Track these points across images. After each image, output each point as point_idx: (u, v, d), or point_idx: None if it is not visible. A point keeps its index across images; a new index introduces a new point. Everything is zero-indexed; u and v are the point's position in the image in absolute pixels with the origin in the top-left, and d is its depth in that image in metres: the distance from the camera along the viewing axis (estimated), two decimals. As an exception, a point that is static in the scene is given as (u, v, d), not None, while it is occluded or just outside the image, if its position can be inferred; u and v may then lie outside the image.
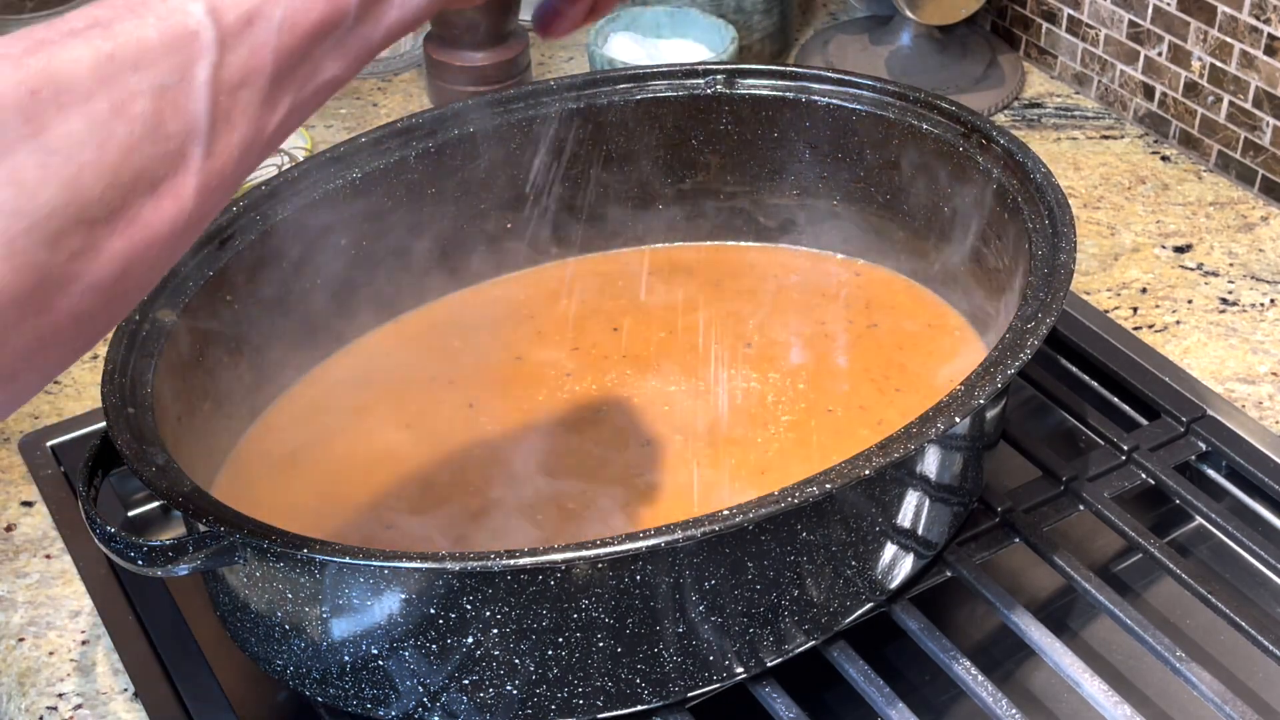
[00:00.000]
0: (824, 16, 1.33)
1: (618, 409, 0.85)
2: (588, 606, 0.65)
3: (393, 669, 0.68)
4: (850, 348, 0.89)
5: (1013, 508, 0.82)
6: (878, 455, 0.66)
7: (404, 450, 0.83)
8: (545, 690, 0.68)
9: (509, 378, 0.88)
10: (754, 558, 0.67)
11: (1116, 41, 1.16)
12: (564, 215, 0.95)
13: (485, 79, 1.16)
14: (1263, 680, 0.78)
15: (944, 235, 0.90)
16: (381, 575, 0.65)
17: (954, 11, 1.16)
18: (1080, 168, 1.13)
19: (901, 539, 0.74)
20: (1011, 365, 0.70)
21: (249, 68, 0.49)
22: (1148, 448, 0.87)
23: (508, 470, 0.81)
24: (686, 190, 0.96)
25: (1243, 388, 0.93)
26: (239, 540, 0.65)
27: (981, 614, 0.81)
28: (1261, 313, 0.99)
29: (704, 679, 0.70)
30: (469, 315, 0.93)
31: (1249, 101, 1.07)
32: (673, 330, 0.91)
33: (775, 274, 0.95)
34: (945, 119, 0.88)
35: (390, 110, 1.22)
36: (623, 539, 0.62)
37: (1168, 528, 0.87)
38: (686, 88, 0.93)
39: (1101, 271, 1.03)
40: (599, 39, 1.15)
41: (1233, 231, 1.06)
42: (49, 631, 0.81)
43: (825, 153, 0.93)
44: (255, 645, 0.72)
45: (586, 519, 0.78)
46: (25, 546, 0.85)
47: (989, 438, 0.79)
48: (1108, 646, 0.80)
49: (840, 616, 0.73)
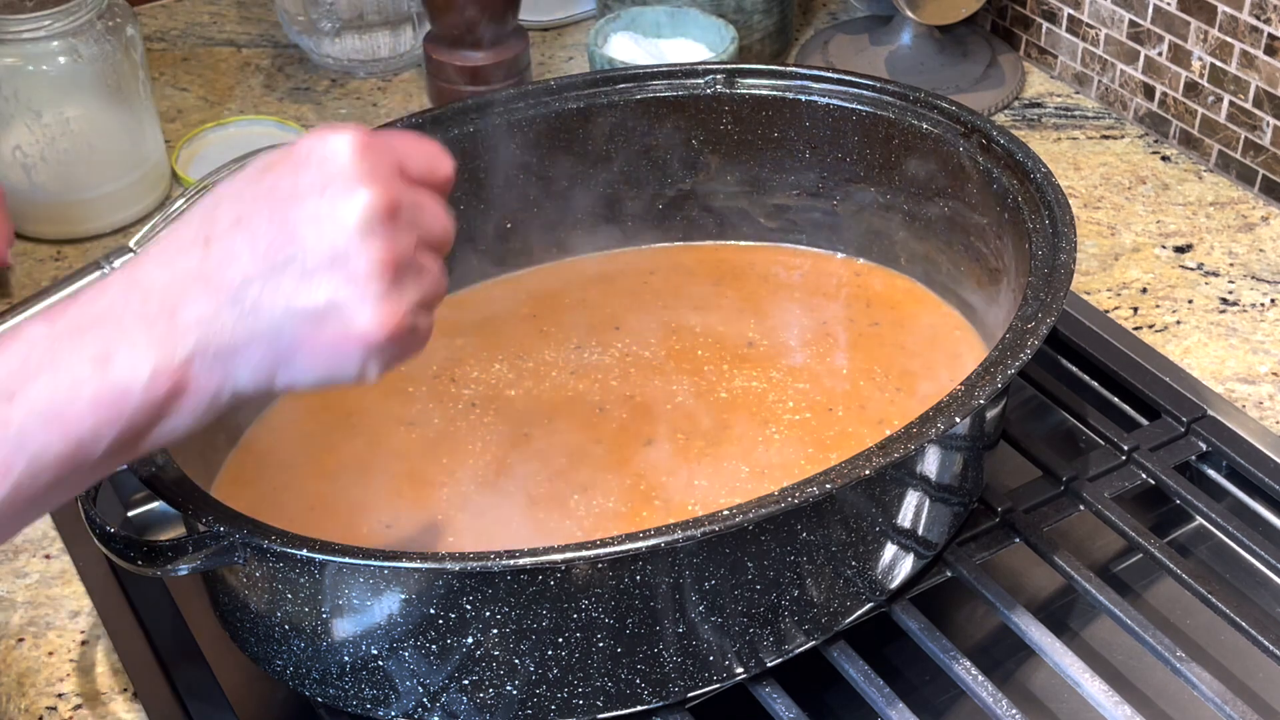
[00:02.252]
0: (824, 16, 1.33)
1: (619, 408, 0.85)
2: (588, 606, 0.65)
3: (392, 669, 0.68)
4: (851, 347, 0.89)
5: (1013, 508, 0.82)
6: (878, 455, 0.66)
7: (405, 449, 0.83)
8: (545, 690, 0.68)
9: (510, 377, 0.88)
10: (754, 558, 0.67)
11: (1117, 41, 1.16)
12: (564, 215, 0.95)
13: (485, 79, 1.16)
14: (1263, 680, 0.78)
15: (944, 235, 0.90)
16: (381, 575, 0.65)
17: (954, 11, 1.16)
18: (1080, 168, 1.13)
19: (902, 539, 0.74)
20: (1011, 365, 0.70)
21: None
22: (1148, 448, 0.87)
23: (508, 469, 0.81)
24: (687, 190, 0.96)
25: (1243, 388, 0.93)
26: (239, 540, 0.65)
27: (981, 614, 0.81)
28: (1262, 313, 0.99)
29: (704, 679, 0.70)
30: (469, 315, 0.93)
31: (1249, 101, 1.07)
32: (674, 330, 0.91)
33: (775, 274, 0.95)
34: (945, 119, 0.88)
35: (390, 110, 1.22)
36: (623, 539, 0.62)
37: (1168, 528, 0.87)
38: (686, 88, 0.93)
39: (1102, 271, 1.03)
40: (599, 39, 1.15)
41: (1233, 231, 1.06)
42: (49, 631, 0.81)
43: (825, 153, 0.93)
44: (255, 645, 0.72)
45: (587, 518, 0.78)
46: (25, 546, 0.85)
47: (989, 438, 0.79)
48: (1108, 646, 0.80)
49: (840, 616, 0.73)
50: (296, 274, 0.56)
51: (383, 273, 0.57)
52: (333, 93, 1.24)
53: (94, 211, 1.08)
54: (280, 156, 0.59)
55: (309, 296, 0.57)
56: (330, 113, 1.21)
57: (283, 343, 0.57)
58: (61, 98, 1.04)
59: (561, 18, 1.32)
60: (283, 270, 0.56)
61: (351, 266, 0.57)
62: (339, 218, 0.57)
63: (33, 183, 1.05)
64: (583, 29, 1.32)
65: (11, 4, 1.02)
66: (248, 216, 0.57)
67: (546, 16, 1.32)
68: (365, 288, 0.57)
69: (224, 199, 0.58)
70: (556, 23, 1.32)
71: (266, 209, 0.57)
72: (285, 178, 0.58)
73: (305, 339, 0.57)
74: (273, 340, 0.57)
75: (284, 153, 0.59)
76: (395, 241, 0.58)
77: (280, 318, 0.57)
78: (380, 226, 0.57)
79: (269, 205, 0.57)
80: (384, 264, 0.57)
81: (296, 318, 0.57)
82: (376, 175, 0.58)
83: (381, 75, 1.26)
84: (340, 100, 1.23)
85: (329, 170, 0.57)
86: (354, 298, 0.57)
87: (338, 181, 0.57)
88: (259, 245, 0.56)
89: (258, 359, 0.57)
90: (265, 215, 0.57)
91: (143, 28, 1.30)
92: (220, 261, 0.56)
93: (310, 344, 0.57)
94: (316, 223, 0.57)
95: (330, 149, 0.58)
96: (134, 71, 1.07)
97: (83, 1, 1.02)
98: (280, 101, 1.23)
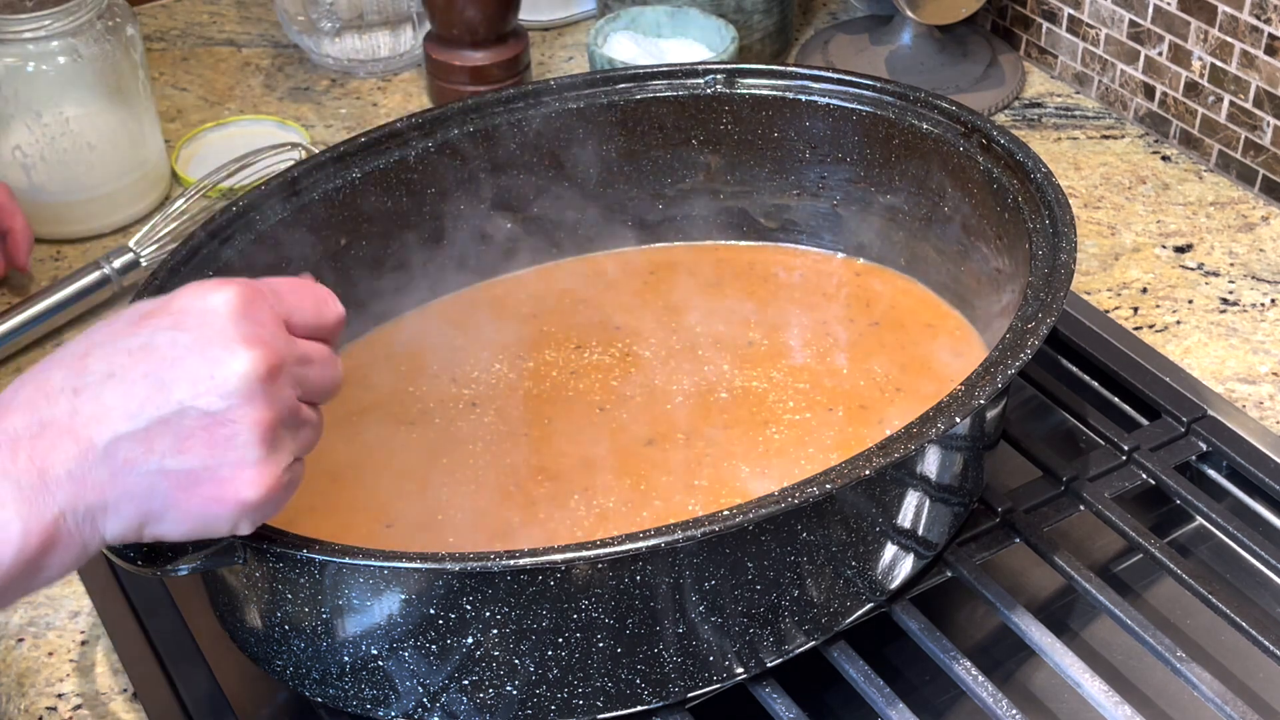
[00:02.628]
0: (824, 16, 1.33)
1: (620, 408, 0.85)
2: (588, 607, 0.65)
3: (392, 669, 0.68)
4: (851, 347, 0.89)
5: (1013, 508, 0.82)
6: (878, 455, 0.66)
7: (405, 449, 0.83)
8: (545, 690, 0.68)
9: (511, 376, 0.88)
10: (754, 558, 0.67)
11: (1117, 41, 1.16)
12: (564, 215, 0.95)
13: (485, 79, 1.16)
14: (1263, 680, 0.78)
15: (944, 235, 0.90)
16: (381, 575, 0.65)
17: (954, 11, 1.16)
18: (1080, 168, 1.13)
19: (902, 539, 0.74)
20: (1011, 365, 0.70)
21: None
22: (1148, 448, 0.87)
23: (509, 469, 0.81)
24: (686, 190, 0.96)
25: (1243, 388, 0.93)
26: (239, 540, 0.65)
27: (981, 614, 0.81)
28: (1262, 313, 0.99)
29: (704, 679, 0.70)
30: (470, 314, 0.93)
31: (1249, 101, 1.07)
32: (674, 330, 0.91)
33: (775, 274, 0.95)
34: (945, 119, 0.88)
35: (390, 110, 1.22)
36: (623, 539, 0.62)
37: (1168, 528, 0.87)
38: (686, 88, 0.93)
39: (1102, 271, 1.03)
40: (599, 39, 1.15)
41: (1233, 231, 1.06)
42: (49, 631, 0.81)
43: (825, 153, 0.93)
44: (255, 645, 0.72)
45: (587, 518, 0.78)
46: (25, 546, 0.85)
47: (989, 438, 0.79)
48: (1108, 646, 0.80)
49: (840, 617, 0.73)
50: (172, 435, 0.56)
51: (262, 437, 0.57)
52: (332, 93, 1.24)
53: (94, 211, 1.08)
54: (158, 308, 0.58)
55: (184, 459, 0.57)
56: (330, 112, 1.21)
57: (155, 501, 0.57)
58: (61, 98, 1.04)
59: (561, 18, 1.32)
60: (157, 430, 0.56)
61: (229, 430, 0.56)
62: (218, 380, 0.56)
63: (33, 183, 1.05)
64: (583, 29, 1.32)
65: (11, 4, 1.02)
66: (122, 371, 0.56)
67: (546, 16, 1.32)
68: (243, 452, 0.57)
69: (95, 347, 0.57)
70: (556, 23, 1.32)
71: (143, 365, 0.56)
72: (162, 333, 0.57)
73: (178, 499, 0.57)
74: (145, 498, 0.57)
75: (161, 305, 0.58)
76: (275, 403, 0.58)
77: (153, 477, 0.57)
78: (260, 389, 0.57)
79: (145, 362, 0.56)
80: (263, 428, 0.57)
81: (170, 478, 0.57)
82: (259, 336, 0.57)
83: (381, 75, 1.26)
84: (340, 100, 1.23)
85: (209, 330, 0.57)
86: (231, 462, 0.57)
87: (217, 342, 0.56)
88: (132, 403, 0.56)
89: (129, 514, 0.57)
90: (140, 372, 0.56)
91: (143, 28, 1.30)
92: (91, 416, 0.56)
93: (184, 504, 0.57)
94: (194, 384, 0.56)
95: (210, 306, 0.57)
96: (134, 71, 1.07)
97: (83, 1, 1.02)
98: (280, 101, 1.23)
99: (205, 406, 0.56)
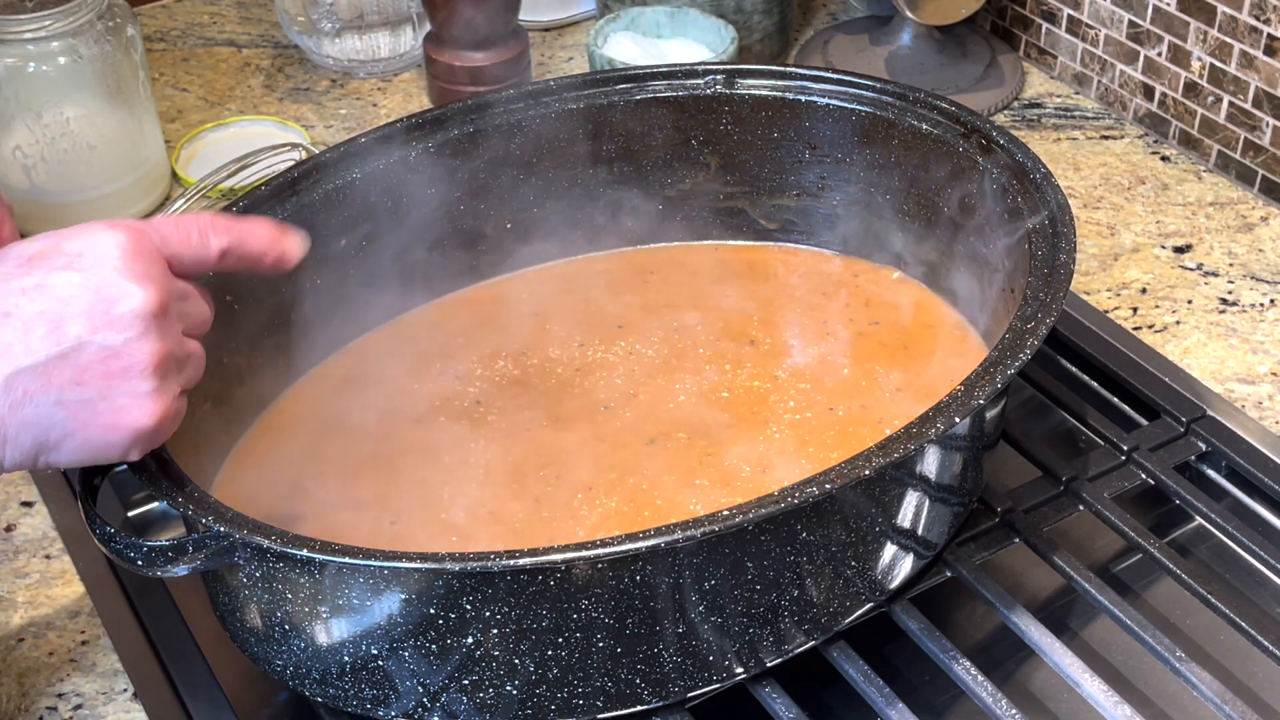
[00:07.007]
0: (824, 16, 1.33)
1: (621, 407, 0.85)
2: (588, 607, 0.65)
3: (393, 669, 0.68)
4: (851, 347, 0.89)
5: (1013, 508, 0.82)
6: (878, 455, 0.66)
7: (405, 448, 0.83)
8: (545, 690, 0.68)
9: (513, 375, 0.88)
10: (754, 558, 0.67)
11: (1116, 41, 1.16)
12: (565, 214, 0.95)
13: (485, 79, 1.16)
14: (1263, 680, 0.78)
15: (944, 235, 0.90)
16: (381, 575, 0.65)
17: (954, 11, 1.16)
18: (1080, 168, 1.13)
19: (901, 539, 0.74)
20: (1011, 365, 0.70)
21: None
22: (1148, 448, 0.87)
23: (511, 468, 0.81)
24: (686, 190, 0.96)
25: (1243, 388, 0.93)
26: (239, 540, 0.65)
27: (981, 614, 0.81)
28: (1261, 313, 0.99)
29: (704, 679, 0.70)
30: (472, 313, 0.93)
31: (1249, 102, 1.07)
32: (676, 329, 0.91)
33: (775, 274, 0.95)
34: (945, 119, 0.88)
35: (390, 110, 1.22)
36: (623, 539, 0.62)
37: (1168, 528, 0.87)
38: (686, 88, 0.93)
39: (1101, 271, 1.03)
40: (599, 39, 1.15)
41: (1233, 232, 1.06)
42: (49, 631, 0.81)
43: (825, 153, 0.93)
44: (255, 645, 0.72)
45: (588, 517, 0.78)
46: (25, 547, 0.85)
47: (989, 438, 0.79)
48: (1108, 646, 0.80)
49: (840, 617, 0.73)
50: (70, 368, 0.61)
51: (156, 368, 0.62)
52: (333, 93, 1.24)
53: (94, 211, 1.07)
54: (49, 249, 0.62)
55: (82, 390, 0.61)
56: (330, 113, 1.21)
57: (53, 432, 0.62)
58: (61, 98, 1.04)
59: (561, 18, 1.32)
60: (56, 364, 0.60)
61: (124, 363, 0.61)
62: (114, 317, 0.61)
63: (33, 183, 1.05)
64: (583, 29, 1.32)
65: (11, 4, 1.02)
66: (17, 310, 0.60)
67: (546, 16, 1.32)
68: (138, 383, 0.62)
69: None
70: (556, 23, 1.32)
71: (38, 303, 0.61)
72: (57, 273, 0.61)
73: (75, 428, 0.62)
74: (43, 429, 0.61)
75: (53, 246, 0.62)
76: (165, 337, 0.62)
77: (52, 408, 0.61)
78: (154, 324, 0.62)
79: (40, 300, 0.61)
80: (156, 359, 0.62)
81: (68, 409, 0.61)
82: (149, 274, 0.62)
83: (381, 75, 1.26)
84: (340, 101, 1.23)
85: (103, 270, 0.61)
86: (126, 392, 0.61)
87: (112, 281, 0.61)
88: (31, 339, 0.60)
89: (25, 444, 0.62)
90: (36, 310, 0.60)
91: (143, 28, 1.30)
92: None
93: (80, 432, 0.62)
94: (90, 320, 0.61)
95: (102, 248, 0.62)
96: (134, 72, 1.07)
97: (83, 2, 1.02)
98: (280, 102, 1.23)
99: (103, 341, 0.61)
